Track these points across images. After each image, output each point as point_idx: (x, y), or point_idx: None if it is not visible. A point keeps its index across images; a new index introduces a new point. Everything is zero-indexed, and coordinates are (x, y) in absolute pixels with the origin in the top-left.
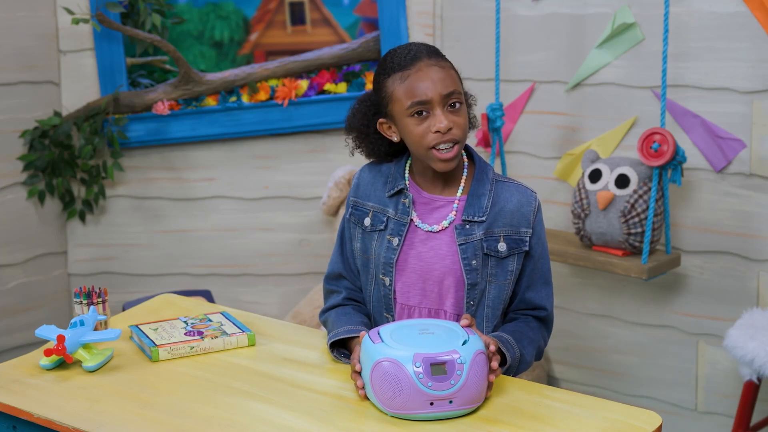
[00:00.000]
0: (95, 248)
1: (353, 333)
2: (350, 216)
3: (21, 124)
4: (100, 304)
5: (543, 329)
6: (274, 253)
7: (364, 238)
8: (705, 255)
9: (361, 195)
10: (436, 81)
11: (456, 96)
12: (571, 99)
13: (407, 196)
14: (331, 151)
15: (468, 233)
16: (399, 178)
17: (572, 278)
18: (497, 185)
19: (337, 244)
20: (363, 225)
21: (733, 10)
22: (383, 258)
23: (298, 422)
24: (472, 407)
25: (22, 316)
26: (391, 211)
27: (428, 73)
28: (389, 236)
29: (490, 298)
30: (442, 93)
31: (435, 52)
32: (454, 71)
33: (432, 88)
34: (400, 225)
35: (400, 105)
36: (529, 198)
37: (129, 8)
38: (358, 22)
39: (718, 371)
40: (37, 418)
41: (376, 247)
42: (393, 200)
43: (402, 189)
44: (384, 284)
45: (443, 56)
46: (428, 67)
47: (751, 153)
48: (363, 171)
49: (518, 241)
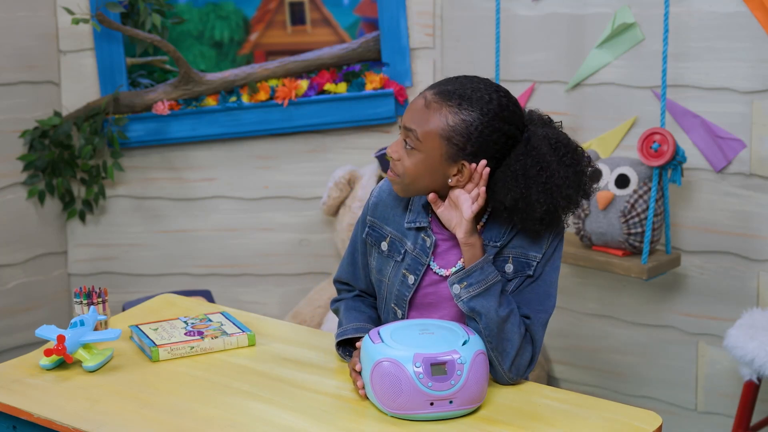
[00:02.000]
0: (95, 248)
1: (361, 332)
2: (366, 236)
3: (21, 124)
4: (100, 304)
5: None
6: (274, 253)
7: (380, 261)
8: (705, 255)
9: (379, 216)
10: (411, 110)
11: (411, 136)
12: (571, 99)
13: (429, 236)
14: (331, 151)
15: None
16: (422, 212)
17: (572, 278)
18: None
19: (349, 251)
20: (380, 248)
21: (733, 10)
22: (397, 290)
23: (298, 422)
24: (472, 407)
25: (22, 316)
26: (410, 245)
27: (417, 99)
28: (405, 271)
29: None
30: (404, 123)
31: (442, 91)
32: (440, 118)
33: (407, 112)
34: (418, 263)
35: None
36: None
37: (129, 8)
38: (358, 22)
39: (718, 371)
40: (37, 418)
41: (391, 275)
42: (412, 233)
43: (424, 227)
44: (395, 314)
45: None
46: (422, 96)
47: (751, 153)
48: (383, 189)
49: (524, 265)
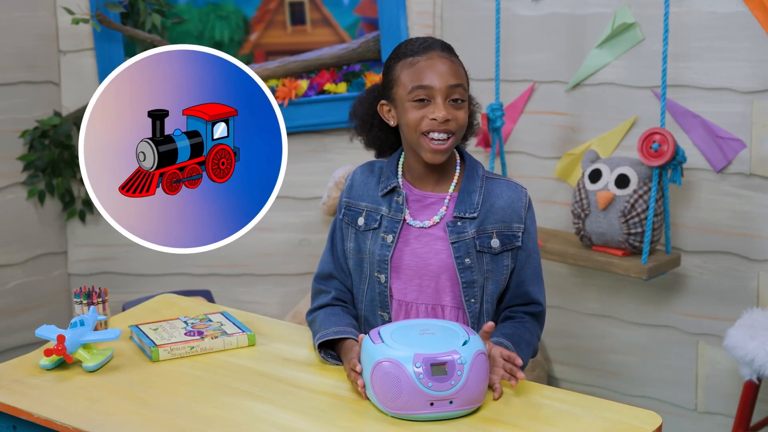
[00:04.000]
0: (95, 248)
1: (342, 335)
2: (343, 216)
3: (21, 124)
4: (100, 304)
5: (537, 327)
6: (274, 253)
7: (358, 238)
8: (705, 255)
9: (354, 195)
10: (443, 72)
11: (460, 91)
12: (571, 99)
13: (400, 194)
14: (331, 151)
15: (460, 231)
16: (391, 176)
17: (572, 278)
18: (488, 182)
19: (327, 245)
20: (356, 225)
21: (733, 10)
22: (378, 256)
23: (298, 422)
24: (472, 408)
25: (22, 316)
26: (385, 209)
27: (437, 63)
28: (383, 234)
29: (488, 294)
30: (447, 84)
31: (449, 48)
32: (463, 70)
33: (438, 77)
34: (394, 222)
35: (403, 88)
36: (519, 194)
37: (129, 8)
38: (358, 22)
39: (718, 371)
40: (37, 418)
41: (371, 245)
42: (386, 199)
43: (395, 187)
44: (379, 282)
45: (456, 55)
46: (439, 58)
47: (751, 153)
48: (356, 173)
49: (511, 237)
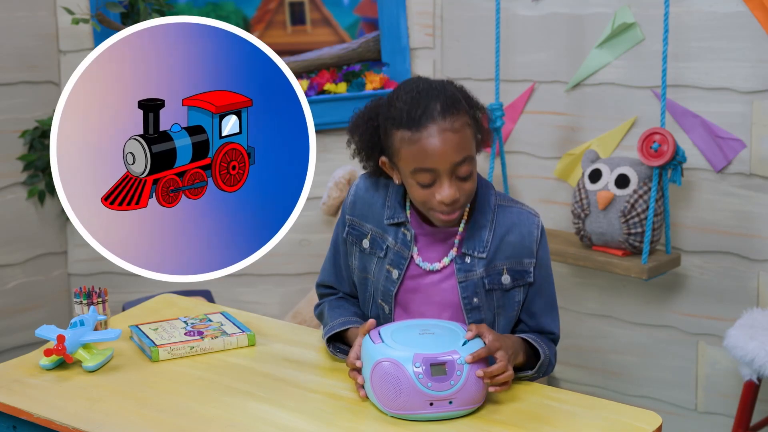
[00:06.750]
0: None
1: (348, 325)
2: (347, 235)
3: (21, 124)
4: (100, 304)
5: (552, 345)
6: (274, 253)
7: (363, 258)
8: (705, 255)
9: (358, 214)
10: (446, 150)
11: (467, 163)
12: (571, 99)
13: (409, 230)
14: (331, 151)
15: (468, 269)
16: (398, 208)
17: (572, 278)
18: (499, 212)
19: (330, 254)
20: (361, 246)
21: (733, 10)
22: (382, 286)
23: (298, 422)
24: (471, 408)
25: (22, 316)
26: (391, 240)
27: (439, 139)
28: (389, 266)
29: (499, 329)
30: (452, 162)
31: (449, 109)
32: (469, 129)
33: (441, 157)
34: (401, 258)
35: (405, 164)
36: (531, 226)
37: (129, 8)
38: (358, 22)
39: (718, 371)
40: (37, 418)
41: (376, 271)
42: (393, 229)
43: (403, 222)
44: (383, 309)
45: (458, 109)
46: (440, 132)
47: (751, 153)
48: (358, 187)
49: (522, 273)
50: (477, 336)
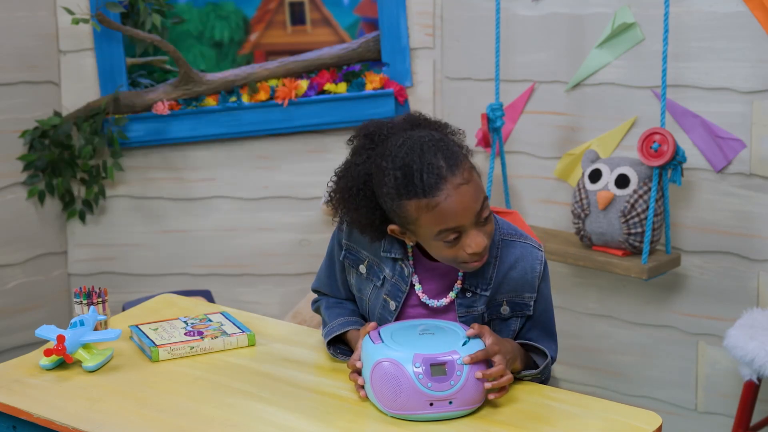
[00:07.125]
0: (95, 248)
1: (348, 326)
2: (344, 258)
3: (21, 124)
4: (100, 304)
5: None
6: (274, 253)
7: (360, 281)
8: (705, 255)
9: (355, 241)
10: (467, 203)
11: (485, 204)
12: (571, 99)
13: (407, 266)
14: (331, 151)
15: (469, 305)
16: (396, 243)
17: (572, 278)
18: (503, 247)
19: (325, 264)
20: (358, 270)
21: (733, 10)
22: (378, 314)
23: (298, 422)
24: (471, 408)
25: (22, 316)
26: (388, 272)
27: (457, 198)
28: (386, 296)
29: None
30: (475, 212)
31: (452, 159)
32: (473, 169)
33: (464, 214)
34: (398, 290)
35: (427, 229)
36: (533, 262)
37: (129, 8)
38: (358, 22)
39: (718, 371)
40: (37, 418)
41: (372, 297)
42: (389, 261)
43: (400, 258)
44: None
45: (458, 155)
46: (456, 189)
47: (751, 153)
48: None
49: (522, 305)
50: (477, 336)
